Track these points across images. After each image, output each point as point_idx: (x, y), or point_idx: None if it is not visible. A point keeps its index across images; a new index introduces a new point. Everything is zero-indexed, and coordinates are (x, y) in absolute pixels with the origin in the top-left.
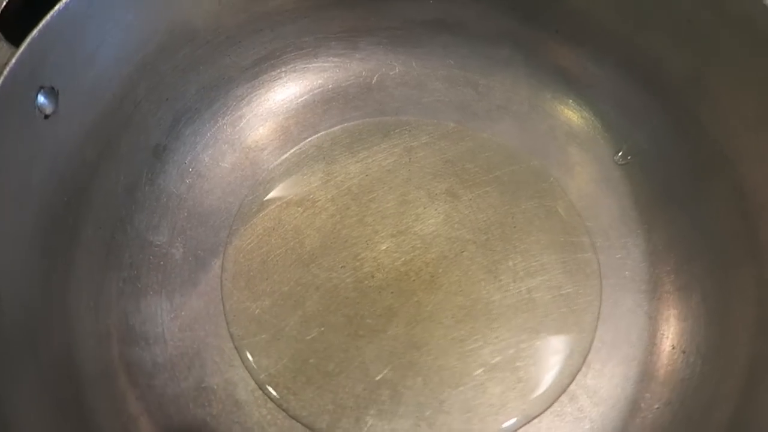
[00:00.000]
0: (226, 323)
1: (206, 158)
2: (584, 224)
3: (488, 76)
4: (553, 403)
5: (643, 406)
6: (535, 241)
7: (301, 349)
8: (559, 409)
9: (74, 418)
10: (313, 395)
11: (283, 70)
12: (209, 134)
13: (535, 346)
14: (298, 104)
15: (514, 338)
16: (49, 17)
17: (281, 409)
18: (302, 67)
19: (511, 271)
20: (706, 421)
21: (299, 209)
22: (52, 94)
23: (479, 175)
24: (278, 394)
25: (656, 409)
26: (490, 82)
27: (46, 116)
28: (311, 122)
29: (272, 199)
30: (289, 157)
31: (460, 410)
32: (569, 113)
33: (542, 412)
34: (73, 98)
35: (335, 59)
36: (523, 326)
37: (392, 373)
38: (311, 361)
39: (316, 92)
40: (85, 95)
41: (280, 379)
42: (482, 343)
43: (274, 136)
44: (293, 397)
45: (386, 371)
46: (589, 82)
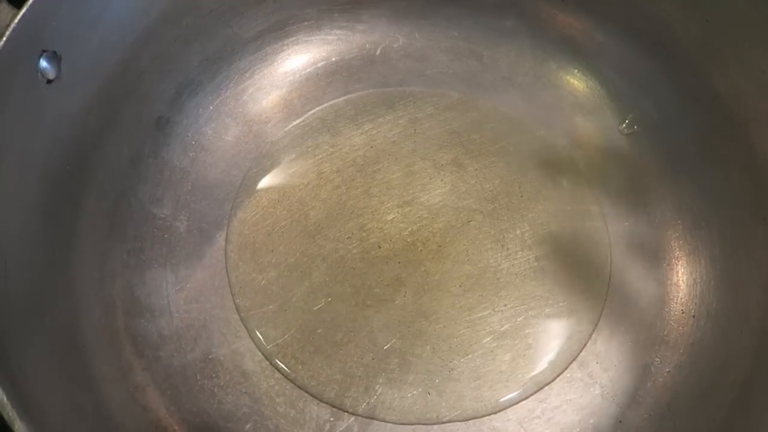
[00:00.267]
0: (231, 295)
1: (209, 131)
2: (593, 193)
3: (493, 47)
4: (563, 370)
5: (653, 370)
6: (542, 209)
7: (308, 319)
8: (569, 375)
9: (82, 386)
10: (321, 365)
11: (286, 42)
12: (212, 107)
13: (544, 313)
14: (301, 76)
15: (522, 306)
16: None
17: (289, 379)
18: (305, 39)
19: (519, 239)
20: (718, 383)
21: (304, 181)
22: (54, 58)
23: (485, 145)
24: (286, 365)
25: (667, 372)
26: (494, 53)
27: (48, 81)
28: (315, 95)
29: (276, 171)
30: (292, 129)
31: (469, 378)
32: (575, 83)
33: (553, 379)
34: (76, 64)
35: (338, 31)
36: (531, 294)
37: (401, 341)
38: (319, 331)
39: (319, 65)
40: (88, 62)
41: (288, 349)
42: (491, 311)
43: (277, 108)
44: (301, 367)
45: (395, 340)
46: (595, 50)
